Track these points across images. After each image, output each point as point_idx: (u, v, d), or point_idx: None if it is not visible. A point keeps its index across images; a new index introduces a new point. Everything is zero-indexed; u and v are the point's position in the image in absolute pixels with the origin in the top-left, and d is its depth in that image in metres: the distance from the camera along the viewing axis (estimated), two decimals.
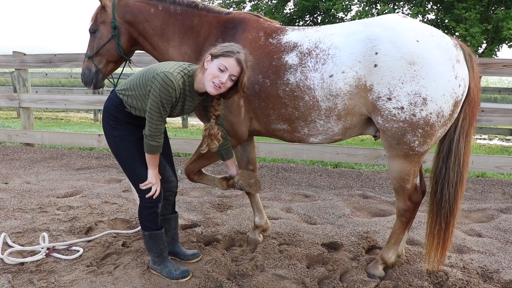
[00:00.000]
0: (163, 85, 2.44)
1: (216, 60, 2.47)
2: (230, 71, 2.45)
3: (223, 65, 2.44)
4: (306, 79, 2.66)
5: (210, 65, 2.48)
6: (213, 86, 2.46)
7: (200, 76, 2.55)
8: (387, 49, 2.47)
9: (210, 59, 2.50)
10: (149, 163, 2.67)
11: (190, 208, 4.38)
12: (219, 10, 3.09)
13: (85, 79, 3.20)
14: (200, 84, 2.57)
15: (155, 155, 2.64)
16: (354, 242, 3.53)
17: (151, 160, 2.66)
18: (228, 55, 2.45)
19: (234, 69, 2.46)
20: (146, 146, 2.60)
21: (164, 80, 2.44)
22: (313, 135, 2.84)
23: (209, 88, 2.49)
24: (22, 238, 3.49)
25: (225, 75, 2.45)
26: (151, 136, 2.55)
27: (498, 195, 4.98)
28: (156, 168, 2.71)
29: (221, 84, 2.46)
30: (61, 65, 6.72)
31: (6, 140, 7.28)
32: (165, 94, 2.46)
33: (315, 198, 4.86)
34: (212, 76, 2.45)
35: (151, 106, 2.49)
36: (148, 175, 2.68)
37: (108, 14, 3.10)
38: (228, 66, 2.44)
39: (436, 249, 2.83)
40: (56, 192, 4.82)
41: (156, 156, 2.66)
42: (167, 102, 2.49)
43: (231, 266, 3.00)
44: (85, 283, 2.79)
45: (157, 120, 2.52)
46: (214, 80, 2.45)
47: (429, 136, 2.55)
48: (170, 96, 2.48)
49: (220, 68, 2.44)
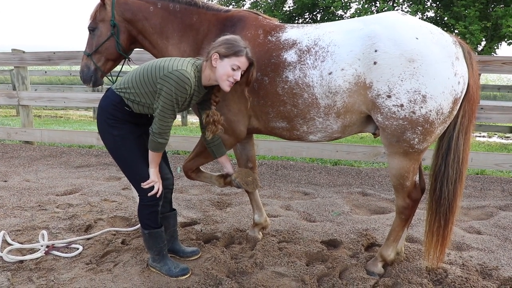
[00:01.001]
0: (180, 83, 2.46)
1: (228, 59, 2.54)
2: (242, 68, 2.59)
3: (236, 65, 2.56)
4: (305, 76, 2.66)
5: (221, 64, 2.55)
6: (228, 84, 2.58)
7: (208, 72, 2.61)
8: (386, 46, 2.47)
9: (218, 57, 2.55)
10: (151, 161, 2.67)
11: (189, 205, 4.38)
12: (218, 8, 3.09)
13: (84, 76, 3.20)
14: (209, 80, 2.64)
15: (159, 153, 2.65)
16: (354, 240, 3.54)
17: (154, 158, 2.66)
18: (239, 54, 2.55)
19: (245, 65, 2.60)
20: (153, 144, 2.59)
21: (180, 78, 2.46)
22: (312, 132, 2.84)
23: (225, 87, 2.60)
24: (22, 236, 3.49)
25: (238, 73, 2.58)
26: (159, 134, 2.55)
27: (497, 193, 4.99)
28: (157, 166, 2.71)
29: (234, 81, 2.59)
30: (60, 63, 6.72)
31: (5, 138, 7.27)
32: (181, 91, 2.48)
33: (314, 195, 4.86)
34: (227, 76, 2.56)
35: (164, 104, 2.49)
36: (150, 173, 2.68)
37: (107, 12, 3.09)
38: (241, 64, 2.57)
39: (436, 246, 2.83)
40: (55, 190, 4.82)
41: (160, 154, 2.67)
42: (182, 100, 2.52)
43: (230, 264, 3.01)
44: (84, 281, 2.79)
45: (169, 118, 2.54)
46: (230, 79, 2.57)
47: (429, 134, 2.56)
48: (186, 93, 2.51)
49: (233, 68, 2.55)
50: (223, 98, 2.85)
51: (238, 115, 2.93)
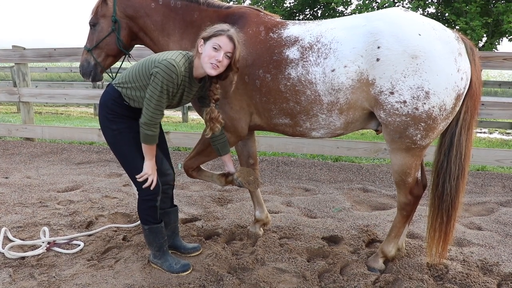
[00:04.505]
0: (167, 71, 2.47)
1: (209, 41, 2.54)
2: (224, 49, 2.52)
3: (217, 44, 2.51)
4: (307, 73, 2.65)
5: (204, 48, 2.55)
6: (211, 66, 2.53)
7: (197, 61, 2.61)
8: (389, 43, 2.46)
9: (202, 43, 2.56)
10: (145, 154, 2.67)
11: (190, 202, 4.39)
12: (219, 5, 3.07)
13: (84, 71, 3.20)
14: (198, 69, 2.63)
15: (151, 145, 2.64)
16: (355, 236, 3.54)
17: (147, 151, 2.66)
18: (219, 34, 2.53)
19: (227, 46, 2.52)
20: (142, 135, 2.60)
21: (167, 67, 2.47)
22: (315, 129, 2.83)
23: (208, 70, 2.55)
24: (23, 233, 3.50)
25: (220, 53, 2.51)
26: (146, 125, 2.55)
27: (498, 189, 4.99)
28: (153, 159, 2.70)
29: (218, 63, 2.52)
30: (61, 59, 6.69)
31: (6, 134, 7.27)
32: (168, 80, 2.48)
33: (315, 192, 4.86)
34: (208, 57, 2.52)
35: (151, 93, 2.50)
36: (144, 166, 2.68)
37: (109, 7, 3.08)
38: (222, 44, 2.51)
39: (438, 242, 2.83)
40: (56, 187, 4.83)
41: (153, 147, 2.66)
42: (169, 89, 2.52)
43: (231, 260, 3.01)
44: (86, 277, 2.80)
45: (155, 107, 2.52)
46: (211, 61, 2.52)
47: (432, 130, 2.55)
48: (172, 82, 2.51)
49: (214, 48, 2.51)
50: (224, 96, 2.84)
51: (239, 112, 2.92)
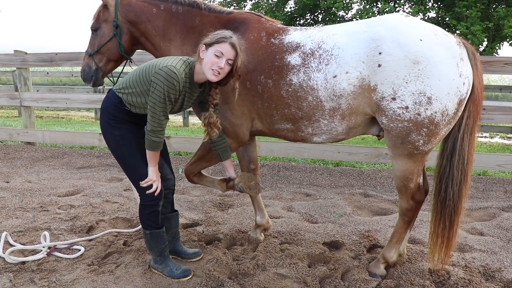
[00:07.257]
0: (168, 79, 2.47)
1: (211, 48, 2.54)
2: (226, 56, 2.52)
3: (219, 51, 2.51)
4: (309, 79, 2.65)
5: (206, 54, 2.55)
6: (212, 73, 2.53)
7: (198, 67, 2.61)
8: (390, 48, 2.46)
9: (204, 48, 2.56)
10: (149, 160, 2.68)
11: (191, 207, 4.38)
12: (221, 10, 3.08)
13: (85, 76, 3.20)
14: (199, 75, 2.62)
15: (156, 151, 2.65)
16: (356, 241, 3.52)
17: (152, 157, 2.66)
18: (222, 41, 2.53)
19: (229, 53, 2.53)
20: (148, 142, 2.60)
21: (168, 74, 2.47)
22: (316, 134, 2.83)
23: (210, 76, 2.55)
24: (24, 237, 3.49)
25: (222, 60, 2.52)
26: (153, 132, 2.56)
27: (500, 194, 4.97)
28: (157, 165, 2.72)
29: (220, 69, 2.53)
30: (62, 64, 6.72)
31: (7, 139, 7.27)
32: (169, 87, 2.48)
33: (316, 197, 4.85)
34: (210, 63, 2.52)
35: (154, 100, 2.50)
36: (148, 172, 2.69)
37: (110, 12, 3.09)
38: (224, 51, 2.51)
39: (440, 248, 2.82)
40: (57, 191, 4.82)
41: (157, 153, 2.67)
42: (170, 96, 2.52)
43: (232, 265, 3.00)
44: (86, 282, 2.79)
45: (160, 115, 2.53)
46: (213, 67, 2.52)
47: (434, 135, 2.55)
48: (174, 89, 2.51)
49: (216, 55, 2.52)
50: (226, 101, 2.84)
51: (241, 118, 2.92)
